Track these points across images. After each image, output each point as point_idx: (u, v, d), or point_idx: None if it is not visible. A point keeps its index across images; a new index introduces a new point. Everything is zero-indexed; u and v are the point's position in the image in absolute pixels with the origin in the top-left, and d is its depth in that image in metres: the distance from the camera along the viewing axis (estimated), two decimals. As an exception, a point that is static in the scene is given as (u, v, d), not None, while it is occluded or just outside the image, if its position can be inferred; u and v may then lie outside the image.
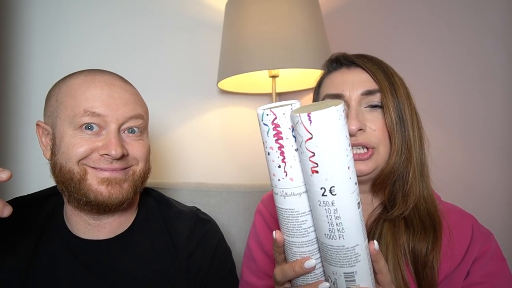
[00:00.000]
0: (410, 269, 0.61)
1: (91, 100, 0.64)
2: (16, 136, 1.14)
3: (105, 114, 0.64)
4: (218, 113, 1.50)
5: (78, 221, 0.70)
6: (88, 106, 0.64)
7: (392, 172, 0.64)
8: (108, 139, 0.64)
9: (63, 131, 0.65)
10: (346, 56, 0.69)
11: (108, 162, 0.65)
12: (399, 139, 0.63)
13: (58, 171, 0.65)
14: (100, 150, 0.64)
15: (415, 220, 0.63)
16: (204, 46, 1.45)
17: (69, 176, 0.64)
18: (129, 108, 0.67)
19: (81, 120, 0.63)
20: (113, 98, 0.66)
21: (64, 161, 0.64)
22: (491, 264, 0.62)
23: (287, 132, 0.42)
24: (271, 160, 0.43)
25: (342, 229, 0.41)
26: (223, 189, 1.10)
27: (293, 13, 1.15)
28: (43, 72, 1.17)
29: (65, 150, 0.64)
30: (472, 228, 0.65)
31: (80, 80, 0.67)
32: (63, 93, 0.66)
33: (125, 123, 0.67)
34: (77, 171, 0.64)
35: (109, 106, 0.65)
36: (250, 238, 0.78)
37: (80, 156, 0.64)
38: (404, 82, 0.67)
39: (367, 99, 0.65)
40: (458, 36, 0.97)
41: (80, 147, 0.63)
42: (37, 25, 1.17)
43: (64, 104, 0.65)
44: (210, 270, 0.76)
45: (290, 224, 0.45)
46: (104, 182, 0.65)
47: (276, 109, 0.41)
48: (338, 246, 0.42)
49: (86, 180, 0.64)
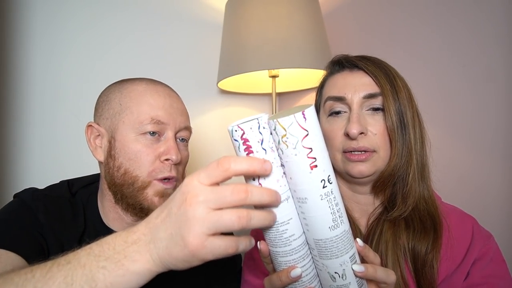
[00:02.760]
0: (410, 268, 0.62)
1: (156, 108, 0.69)
2: (16, 136, 1.14)
3: (167, 123, 0.69)
4: (218, 113, 1.50)
5: (115, 218, 0.72)
6: (154, 114, 0.68)
7: (392, 174, 0.64)
8: (168, 145, 0.69)
9: (126, 136, 0.68)
10: (348, 58, 0.69)
11: (168, 169, 0.69)
12: (399, 143, 0.63)
13: (122, 175, 0.68)
14: (161, 156, 0.68)
15: (415, 220, 0.64)
16: (204, 46, 1.45)
17: (132, 182, 0.67)
18: (184, 118, 0.73)
19: (146, 128, 0.68)
20: (173, 108, 0.71)
21: (132, 168, 0.68)
22: (491, 266, 0.62)
23: (256, 146, 0.42)
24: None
25: (341, 214, 0.44)
26: (223, 189, 1.10)
27: (293, 13, 1.15)
28: (43, 72, 1.17)
29: (132, 157, 0.68)
30: (472, 229, 0.65)
31: (143, 87, 0.71)
32: (126, 98, 0.70)
33: (179, 131, 0.72)
34: (143, 180, 0.67)
35: (170, 115, 0.70)
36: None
37: (150, 165, 0.67)
38: (406, 84, 0.68)
39: (368, 102, 0.65)
40: (458, 36, 0.97)
41: (147, 155, 0.67)
42: (37, 25, 1.17)
43: (129, 109, 0.69)
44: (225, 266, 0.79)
45: (271, 234, 0.45)
46: (158, 194, 0.68)
47: (244, 124, 0.42)
48: (342, 232, 0.45)
49: (146, 189, 0.68)
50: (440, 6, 1.01)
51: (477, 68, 0.93)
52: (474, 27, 0.94)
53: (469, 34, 0.95)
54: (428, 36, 1.04)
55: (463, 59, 0.96)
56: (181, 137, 0.73)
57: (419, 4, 1.07)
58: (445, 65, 1.00)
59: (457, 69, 0.97)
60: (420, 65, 1.05)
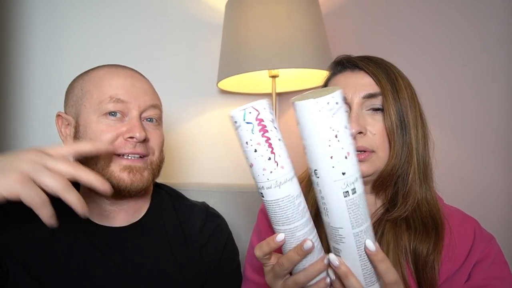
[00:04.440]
0: (411, 268, 0.62)
1: (115, 87, 0.69)
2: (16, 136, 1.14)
3: (128, 101, 0.69)
4: (218, 113, 1.50)
5: (93, 207, 0.72)
6: (113, 93, 0.68)
7: (391, 174, 0.64)
8: (131, 123, 0.69)
9: (88, 118, 0.68)
10: (350, 59, 0.70)
11: (132, 146, 0.68)
12: (399, 143, 0.63)
13: (85, 158, 0.67)
14: (125, 134, 0.68)
15: (417, 221, 0.64)
16: (204, 46, 1.44)
17: (94, 162, 0.67)
18: (149, 97, 0.72)
19: (106, 107, 0.68)
20: (135, 87, 0.71)
21: None
22: (493, 268, 0.62)
23: (270, 125, 0.44)
24: (259, 156, 0.44)
25: (326, 209, 0.46)
26: (223, 189, 1.10)
27: (293, 13, 1.15)
28: (43, 70, 1.17)
29: (92, 137, 0.68)
30: (474, 231, 0.65)
31: (104, 71, 0.72)
32: (87, 83, 0.71)
33: (145, 111, 0.71)
34: (103, 157, 0.67)
35: (131, 94, 0.70)
36: (253, 235, 0.80)
37: (108, 142, 0.67)
38: (409, 84, 0.67)
39: (369, 102, 0.65)
40: (458, 36, 0.97)
41: (107, 133, 0.67)
42: (37, 24, 1.17)
43: (89, 92, 0.70)
44: (220, 263, 0.78)
45: (289, 211, 0.46)
46: (126, 169, 0.68)
47: (258, 104, 0.44)
48: (326, 222, 0.48)
49: (109, 167, 0.67)
50: (440, 5, 1.01)
51: (479, 68, 0.93)
52: (476, 27, 0.93)
53: (471, 34, 0.94)
54: (428, 35, 1.04)
55: (464, 59, 0.96)
56: (148, 117, 0.72)
57: (419, 4, 1.06)
58: (446, 65, 0.99)
59: (458, 69, 0.97)
60: (421, 65, 1.05)
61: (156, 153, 0.73)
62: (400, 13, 1.12)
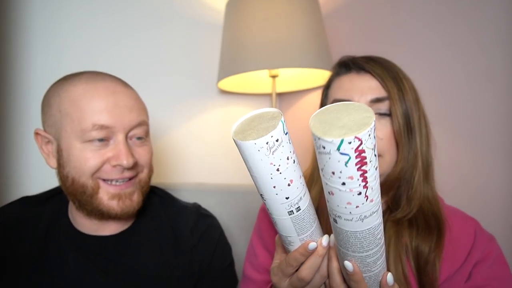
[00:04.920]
0: (411, 266, 0.62)
1: (97, 112, 0.63)
2: (18, 138, 1.14)
3: (112, 125, 0.64)
4: (218, 113, 1.50)
5: (84, 222, 0.71)
6: (95, 119, 0.63)
7: (398, 178, 0.64)
8: (118, 149, 0.65)
9: (70, 144, 0.65)
10: (355, 60, 0.69)
11: (119, 172, 0.66)
12: (406, 147, 0.63)
13: (70, 184, 0.66)
14: (111, 161, 0.65)
15: (419, 219, 0.64)
16: (204, 46, 1.44)
17: (82, 190, 0.65)
18: (134, 116, 0.67)
19: (90, 135, 0.63)
20: (118, 107, 0.65)
21: (78, 175, 0.65)
22: (493, 268, 0.62)
23: (370, 154, 0.35)
24: (346, 189, 0.37)
25: (275, 223, 0.48)
26: (223, 189, 1.10)
27: (293, 13, 1.15)
28: (43, 72, 1.17)
29: (77, 165, 0.64)
30: (475, 231, 0.65)
31: (81, 89, 0.65)
32: (65, 103, 0.65)
33: (131, 130, 0.67)
34: (91, 185, 0.65)
35: (115, 116, 0.64)
36: (253, 234, 0.80)
37: (93, 169, 0.64)
38: (413, 85, 0.67)
39: (375, 107, 0.65)
40: (459, 36, 0.97)
41: (92, 161, 0.64)
42: (36, 24, 1.17)
43: (69, 116, 0.64)
44: (212, 262, 0.78)
45: (366, 241, 0.43)
46: (115, 197, 0.66)
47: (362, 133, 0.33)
48: (277, 229, 0.50)
49: (98, 194, 0.66)
50: (440, 5, 1.01)
51: (478, 68, 0.93)
52: (475, 27, 0.93)
53: (469, 34, 0.94)
54: (428, 35, 1.04)
55: (463, 59, 0.96)
56: (135, 136, 0.68)
57: (419, 4, 1.06)
58: (445, 65, 0.99)
59: (458, 68, 0.97)
60: (420, 65, 1.05)
61: (145, 170, 0.71)
62: (400, 13, 1.12)
